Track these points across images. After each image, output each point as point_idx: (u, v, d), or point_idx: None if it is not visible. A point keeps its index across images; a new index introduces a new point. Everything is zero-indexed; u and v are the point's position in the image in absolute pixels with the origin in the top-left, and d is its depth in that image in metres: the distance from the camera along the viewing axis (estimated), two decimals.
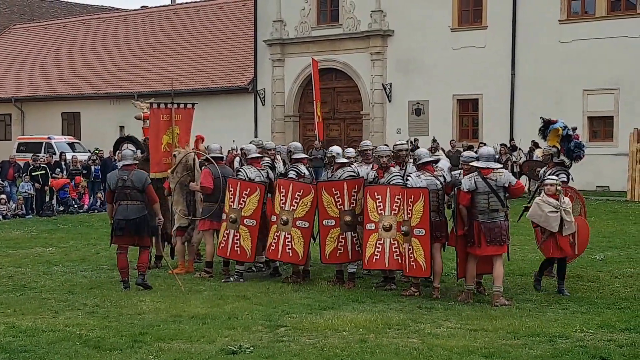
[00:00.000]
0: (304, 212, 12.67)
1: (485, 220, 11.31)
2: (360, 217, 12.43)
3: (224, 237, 13.16)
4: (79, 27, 50.87)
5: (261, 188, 13.06)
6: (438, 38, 33.41)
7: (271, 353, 8.77)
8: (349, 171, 12.87)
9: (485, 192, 11.30)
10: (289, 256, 12.81)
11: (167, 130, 14.38)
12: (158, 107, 14.53)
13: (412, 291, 11.94)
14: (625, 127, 28.93)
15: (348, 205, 12.52)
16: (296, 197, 12.68)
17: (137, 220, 12.43)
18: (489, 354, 8.68)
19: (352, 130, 37.04)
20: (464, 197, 11.38)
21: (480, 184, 11.32)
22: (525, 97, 31.62)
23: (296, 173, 13.17)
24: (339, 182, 12.68)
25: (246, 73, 39.49)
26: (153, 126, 14.47)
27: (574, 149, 13.66)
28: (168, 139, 14.35)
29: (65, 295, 12.21)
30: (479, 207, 11.34)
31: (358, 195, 12.49)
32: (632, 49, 29.42)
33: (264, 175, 13.44)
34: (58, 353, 8.85)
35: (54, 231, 20.80)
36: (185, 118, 14.80)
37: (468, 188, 11.33)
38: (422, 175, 11.88)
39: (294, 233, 12.69)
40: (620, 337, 9.42)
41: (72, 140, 40.87)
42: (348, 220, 12.49)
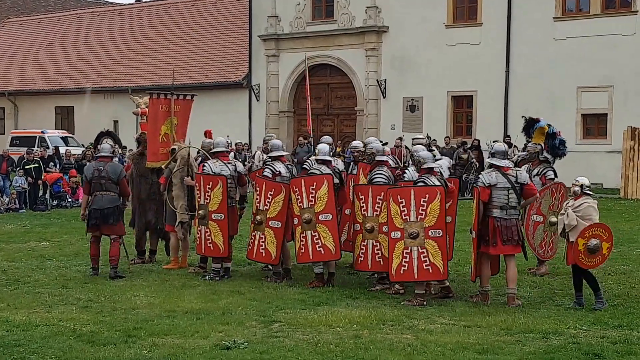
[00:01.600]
0: (276, 212, 12.45)
1: (503, 216, 11.13)
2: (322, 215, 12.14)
3: (198, 235, 13.12)
4: (73, 21, 50.75)
5: (223, 181, 12.75)
6: (433, 35, 33.42)
7: (265, 348, 8.78)
8: (315, 168, 12.58)
9: (506, 188, 11.17)
10: (262, 256, 12.66)
11: (166, 120, 14.35)
12: (157, 97, 14.50)
13: (397, 289, 11.73)
14: (618, 125, 28.99)
15: (307, 203, 12.22)
16: (268, 196, 12.48)
17: (109, 210, 12.99)
18: (482, 350, 8.70)
19: (345, 127, 37.04)
20: (483, 192, 11.17)
21: (501, 179, 11.20)
22: (519, 94, 31.64)
23: (272, 171, 12.81)
24: (298, 179, 12.49)
25: (241, 68, 39.47)
26: (151, 116, 14.44)
27: (559, 146, 13.76)
28: (166, 129, 14.33)
29: (59, 289, 12.19)
30: (497, 203, 11.16)
31: (318, 193, 12.15)
32: (626, 46, 29.46)
33: (231, 169, 13.12)
34: (52, 347, 8.85)
35: (47, 225, 20.76)
36: (184, 109, 14.75)
37: (489, 182, 11.16)
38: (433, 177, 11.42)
39: (267, 233, 12.48)
40: (613, 334, 9.45)
41: (65, 134, 40.79)
42: (307, 217, 12.21)
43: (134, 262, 14.53)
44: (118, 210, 13.16)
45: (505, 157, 11.56)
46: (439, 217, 11.07)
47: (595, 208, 10.91)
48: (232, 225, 12.97)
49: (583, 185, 10.93)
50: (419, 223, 11.10)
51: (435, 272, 11.12)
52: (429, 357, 8.45)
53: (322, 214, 12.13)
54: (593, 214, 10.84)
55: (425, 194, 11.13)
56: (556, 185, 13.16)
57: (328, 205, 12.11)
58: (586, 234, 10.64)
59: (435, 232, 11.09)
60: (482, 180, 11.30)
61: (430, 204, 11.06)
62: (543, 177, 13.30)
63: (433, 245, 11.08)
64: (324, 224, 12.13)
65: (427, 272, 11.11)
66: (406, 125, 34.35)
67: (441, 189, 11.14)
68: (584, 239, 10.62)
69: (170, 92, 14.51)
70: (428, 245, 11.08)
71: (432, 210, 11.06)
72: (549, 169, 13.42)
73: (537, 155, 13.61)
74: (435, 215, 11.06)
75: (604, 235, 10.66)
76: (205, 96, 36.73)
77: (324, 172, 12.28)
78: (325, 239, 12.12)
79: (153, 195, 14.46)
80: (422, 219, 11.09)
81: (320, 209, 12.12)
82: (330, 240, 12.12)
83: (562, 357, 8.46)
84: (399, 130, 33.31)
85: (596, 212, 10.91)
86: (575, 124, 30.76)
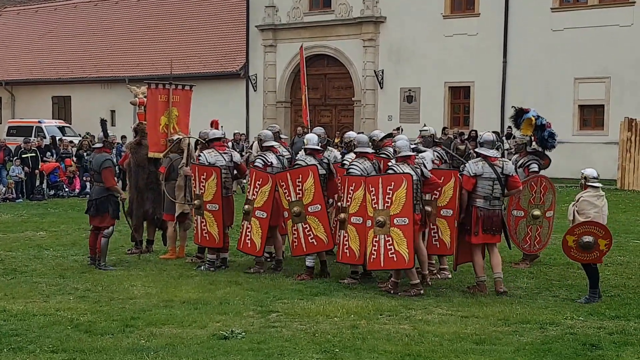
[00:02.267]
0: (262, 202, 12.38)
1: (486, 207, 11.18)
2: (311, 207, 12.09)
3: (195, 224, 13.10)
4: (70, 10, 50.61)
5: (217, 171, 12.69)
6: (430, 25, 33.39)
7: (263, 338, 8.78)
8: (301, 159, 12.44)
9: (491, 179, 11.19)
10: (248, 247, 12.61)
11: (165, 111, 14.31)
12: (156, 87, 14.46)
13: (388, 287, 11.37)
14: (615, 116, 29.02)
15: (295, 196, 12.16)
16: (257, 186, 12.44)
17: (97, 200, 13.12)
18: (479, 341, 8.72)
19: (343, 117, 37.03)
20: (467, 181, 11.20)
21: (487, 170, 11.21)
22: (516, 84, 31.65)
23: (263, 162, 12.69)
24: (283, 173, 12.39)
25: (238, 58, 39.42)
26: (150, 106, 14.40)
27: (548, 138, 13.74)
28: (166, 120, 14.29)
29: (56, 279, 12.19)
30: (481, 193, 11.19)
31: (304, 185, 12.07)
32: (623, 37, 29.46)
33: (227, 159, 13.07)
34: (49, 337, 8.85)
35: (44, 215, 20.75)
36: (184, 100, 14.70)
37: (475, 172, 11.17)
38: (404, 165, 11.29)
39: (253, 223, 12.43)
40: (610, 324, 9.47)
41: (62, 124, 40.73)
42: (296, 211, 12.15)
43: (131, 252, 14.55)
44: (107, 201, 13.05)
45: (494, 147, 11.54)
46: (405, 205, 10.93)
47: (591, 202, 10.71)
48: (227, 215, 12.95)
49: (586, 177, 10.81)
50: (385, 211, 11.03)
51: (400, 261, 10.96)
52: (427, 347, 8.46)
53: (311, 205, 12.09)
54: (587, 209, 10.67)
55: (391, 181, 11.06)
56: (536, 178, 13.10)
57: (316, 196, 12.06)
58: (575, 231, 10.55)
59: (401, 220, 10.96)
60: (467, 169, 11.30)
61: (396, 191, 10.97)
62: (527, 170, 13.28)
63: (398, 233, 10.96)
64: (314, 215, 12.09)
65: (391, 260, 11.02)
66: (403, 116, 34.35)
67: (408, 177, 10.98)
68: (573, 236, 10.53)
69: (169, 82, 14.47)
70: (393, 234, 10.97)
71: (398, 198, 10.96)
72: (533, 161, 13.38)
73: (525, 147, 13.61)
74: (401, 203, 10.94)
75: (599, 233, 10.50)
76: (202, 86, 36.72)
77: (309, 164, 12.19)
78: (316, 230, 12.09)
79: (151, 185, 14.45)
80: (388, 207, 11.01)
81: (309, 200, 12.09)
82: (321, 230, 12.08)
83: (559, 347, 8.48)
84: (396, 121, 33.30)
85: (592, 206, 10.70)
86: (572, 115, 30.79)
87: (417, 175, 11.21)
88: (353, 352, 8.29)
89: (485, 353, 8.28)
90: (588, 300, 10.64)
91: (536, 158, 13.45)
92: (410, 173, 11.07)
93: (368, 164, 11.79)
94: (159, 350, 8.35)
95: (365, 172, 11.61)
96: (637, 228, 17.67)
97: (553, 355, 8.23)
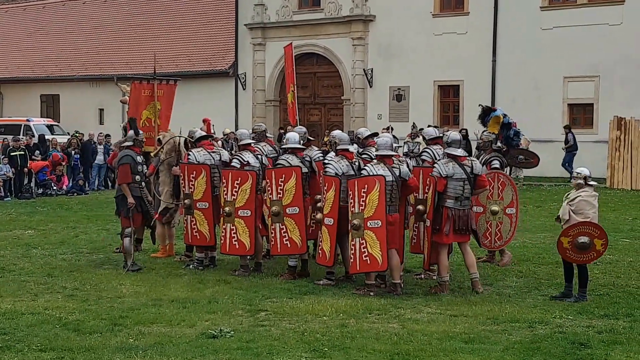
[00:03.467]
0: (244, 201, 12.26)
1: (457, 207, 11.13)
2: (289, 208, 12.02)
3: (185, 224, 13.07)
4: (58, 9, 50.38)
5: (206, 170, 12.72)
6: (419, 24, 33.38)
7: (252, 337, 8.77)
8: (283, 159, 12.34)
9: (462, 179, 11.13)
10: (236, 248, 12.46)
11: (148, 105, 14.31)
12: (140, 82, 14.46)
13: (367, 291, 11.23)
14: (605, 115, 29.04)
15: (275, 196, 12.09)
16: (235, 185, 12.30)
17: (116, 199, 13.13)
18: (468, 340, 8.72)
19: (332, 115, 36.99)
20: (439, 183, 11.09)
21: (457, 170, 11.14)
22: (506, 83, 31.69)
23: (239, 161, 12.56)
24: (269, 171, 12.32)
25: (227, 57, 39.34)
26: (133, 100, 14.44)
27: (513, 136, 13.86)
28: (148, 114, 14.30)
29: (45, 278, 12.16)
30: (452, 194, 11.12)
31: (286, 186, 11.98)
32: (612, 36, 29.48)
33: (216, 158, 13.09)
34: (37, 336, 8.82)
35: (33, 214, 20.68)
36: (168, 94, 14.73)
37: (446, 173, 11.10)
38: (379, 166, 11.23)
39: (238, 224, 12.30)
40: (599, 323, 9.49)
41: (51, 122, 40.60)
42: (275, 210, 12.07)
43: (119, 250, 14.50)
44: (123, 199, 12.83)
45: (460, 146, 11.49)
46: (378, 207, 10.82)
47: (590, 202, 10.64)
48: (217, 213, 12.92)
49: (586, 177, 10.70)
50: (360, 214, 10.93)
51: (373, 263, 10.89)
52: (415, 346, 8.46)
53: (290, 207, 11.99)
54: (586, 209, 10.60)
55: (364, 184, 10.94)
56: (492, 174, 13.06)
57: (295, 198, 11.98)
58: (570, 232, 10.50)
59: (374, 223, 10.85)
60: (438, 170, 11.18)
61: (369, 194, 10.86)
62: (488, 166, 13.28)
63: (371, 236, 10.86)
64: (291, 217, 12.01)
65: (365, 263, 10.95)
66: (393, 114, 34.34)
67: (380, 179, 10.84)
68: (568, 237, 10.48)
69: (153, 77, 14.48)
70: (367, 236, 10.88)
71: (371, 200, 10.85)
72: (495, 158, 13.40)
73: (491, 144, 13.64)
74: (374, 206, 10.83)
75: (595, 233, 10.45)
76: (191, 85, 36.76)
77: (293, 164, 12.10)
78: (292, 233, 12.00)
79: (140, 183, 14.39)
80: (362, 210, 10.91)
81: (288, 202, 12.00)
82: (297, 234, 11.99)
83: (548, 346, 8.48)
84: (386, 120, 33.31)
85: (591, 206, 10.64)
86: (562, 113, 30.84)
87: (394, 176, 11.09)
88: (342, 351, 8.29)
89: (474, 352, 8.28)
90: (581, 298, 10.64)
91: (499, 155, 13.47)
92: (384, 174, 10.93)
93: (345, 162, 11.68)
94: (147, 349, 8.33)
95: (340, 171, 11.51)
96: (626, 227, 17.71)
97: (542, 354, 8.23)
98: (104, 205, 21.89)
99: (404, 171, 11.23)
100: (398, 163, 11.31)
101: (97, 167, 28.09)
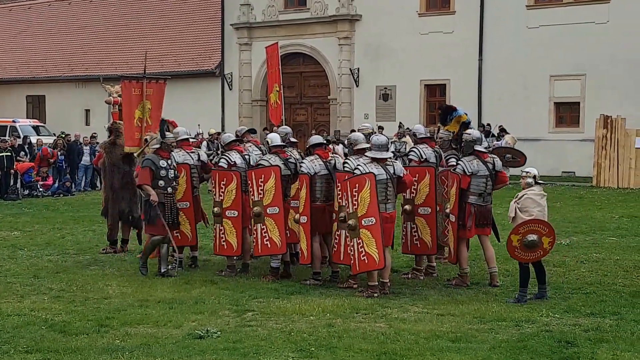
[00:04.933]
0: (230, 201, 12.25)
1: (479, 203, 11.34)
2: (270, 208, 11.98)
3: None
4: (44, 9, 50.25)
5: (186, 169, 12.80)
6: (406, 23, 33.43)
7: (238, 337, 8.75)
8: (264, 159, 12.28)
9: (485, 176, 11.36)
10: (225, 249, 12.46)
11: (139, 104, 14.28)
12: (130, 81, 14.42)
13: (350, 283, 11.42)
14: (591, 113, 29.15)
15: (257, 196, 12.02)
16: (222, 186, 12.31)
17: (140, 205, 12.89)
18: (455, 339, 8.71)
19: (319, 115, 37.00)
20: (464, 180, 11.31)
21: (481, 167, 11.38)
22: (492, 82, 31.78)
23: (227, 162, 12.48)
24: (249, 171, 12.24)
25: (213, 57, 39.32)
26: (125, 100, 14.36)
27: None
28: (139, 113, 14.25)
29: (31, 279, 12.11)
30: (476, 190, 11.34)
31: (266, 186, 11.91)
32: (598, 35, 29.59)
33: (194, 158, 13.13)
34: (23, 337, 8.78)
35: (18, 215, 20.60)
36: (157, 93, 14.67)
37: (471, 171, 11.31)
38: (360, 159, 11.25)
39: (225, 224, 12.28)
40: (585, 321, 9.50)
41: (37, 123, 40.49)
42: (256, 211, 12.00)
43: (105, 251, 14.48)
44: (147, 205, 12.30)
45: (481, 143, 11.70)
46: (370, 204, 10.81)
47: (536, 200, 10.55)
48: (197, 213, 12.98)
49: (536, 177, 10.66)
50: (354, 213, 10.91)
51: (370, 262, 10.84)
52: (402, 345, 8.45)
53: (270, 207, 11.93)
54: (531, 207, 10.52)
55: (355, 183, 10.96)
56: (445, 172, 12.96)
57: (275, 198, 11.90)
58: (520, 230, 10.45)
59: (368, 221, 10.83)
60: (462, 168, 11.38)
61: (360, 192, 10.85)
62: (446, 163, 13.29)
63: (367, 234, 10.85)
64: (271, 218, 11.94)
65: (364, 262, 10.91)
66: (379, 114, 34.37)
67: (371, 176, 10.84)
68: (518, 235, 10.42)
69: (142, 76, 14.44)
70: (362, 235, 10.87)
71: (363, 199, 10.83)
72: (452, 156, 13.38)
73: (450, 143, 13.59)
74: (366, 204, 10.82)
75: (543, 231, 10.40)
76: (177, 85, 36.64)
77: (272, 164, 12.04)
78: (272, 233, 11.93)
79: (126, 184, 14.41)
80: (356, 209, 10.91)
81: (268, 202, 11.93)
82: (276, 234, 11.92)
83: (535, 345, 8.48)
84: (373, 119, 33.32)
85: (536, 204, 10.54)
86: (548, 112, 30.96)
87: (389, 173, 11.11)
88: (329, 351, 8.27)
89: (461, 351, 8.28)
90: (542, 295, 10.63)
91: (456, 154, 13.44)
92: (374, 172, 10.93)
93: (319, 162, 11.74)
94: (134, 350, 8.29)
95: (312, 170, 11.58)
96: (612, 225, 17.75)
97: (529, 352, 8.23)
98: (90, 206, 21.83)
99: (398, 168, 11.26)
100: (392, 160, 11.34)
101: (83, 168, 28.00)
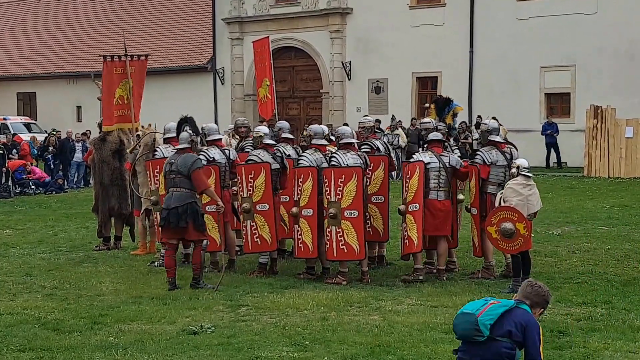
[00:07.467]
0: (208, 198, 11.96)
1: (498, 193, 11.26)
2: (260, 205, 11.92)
3: (154, 222, 13.02)
4: (33, 6, 50.06)
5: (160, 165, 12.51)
6: (397, 16, 33.40)
7: (232, 332, 8.77)
8: (254, 154, 12.15)
9: (503, 166, 11.41)
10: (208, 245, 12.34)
11: (121, 83, 14.30)
12: (112, 59, 14.44)
13: (340, 279, 11.35)
14: (581, 104, 29.23)
15: (246, 192, 11.98)
16: None
17: (179, 209, 10.90)
18: (449, 330, 8.70)
19: (311, 109, 36.99)
20: (483, 170, 11.37)
21: (500, 157, 11.45)
22: (483, 74, 31.81)
23: (205, 158, 12.08)
24: (239, 167, 12.20)
25: (205, 52, 39.25)
26: (106, 79, 14.43)
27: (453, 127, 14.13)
28: (121, 91, 14.27)
29: (23, 277, 12.09)
30: (495, 180, 11.41)
31: (255, 182, 11.86)
32: (588, 26, 29.64)
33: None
34: (16, 336, 8.78)
35: (10, 213, 20.55)
36: (139, 70, 14.75)
37: (490, 161, 11.38)
38: (348, 154, 11.38)
39: (207, 219, 11.94)
40: (577, 311, 9.54)
41: (28, 120, 40.40)
42: (246, 207, 11.94)
43: (99, 248, 14.47)
44: (190, 209, 10.98)
45: (498, 133, 11.82)
46: (355, 197, 11.08)
47: (516, 189, 10.56)
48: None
49: (520, 167, 10.68)
50: (337, 204, 11.15)
51: (350, 252, 11.19)
52: (396, 337, 8.48)
53: (259, 204, 11.88)
54: (510, 196, 10.56)
55: (341, 174, 11.15)
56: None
57: (265, 195, 11.87)
58: (492, 221, 10.53)
59: (350, 213, 11.11)
60: (482, 158, 11.47)
61: (346, 185, 11.08)
62: None
63: (348, 225, 11.13)
64: (261, 214, 11.89)
65: (342, 251, 11.22)
66: (372, 107, 34.36)
67: (358, 170, 11.12)
68: (493, 226, 10.51)
69: (125, 54, 14.46)
70: (344, 226, 11.14)
71: (348, 191, 11.09)
72: None
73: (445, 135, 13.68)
74: (351, 196, 11.09)
75: (513, 217, 10.40)
76: (169, 80, 36.71)
77: (263, 160, 11.98)
78: (261, 230, 11.89)
79: (115, 180, 14.41)
80: (340, 200, 11.13)
81: (257, 198, 11.88)
82: (266, 230, 11.89)
83: None
84: (365, 112, 33.30)
85: (516, 194, 10.54)
86: (539, 103, 31.01)
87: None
88: (323, 344, 8.29)
89: (454, 342, 8.25)
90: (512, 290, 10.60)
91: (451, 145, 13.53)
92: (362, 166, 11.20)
93: (319, 155, 11.73)
94: (127, 346, 8.31)
95: (314, 163, 11.55)
96: (603, 215, 17.80)
97: None
98: (83, 203, 21.78)
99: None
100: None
101: (75, 164, 27.95)
